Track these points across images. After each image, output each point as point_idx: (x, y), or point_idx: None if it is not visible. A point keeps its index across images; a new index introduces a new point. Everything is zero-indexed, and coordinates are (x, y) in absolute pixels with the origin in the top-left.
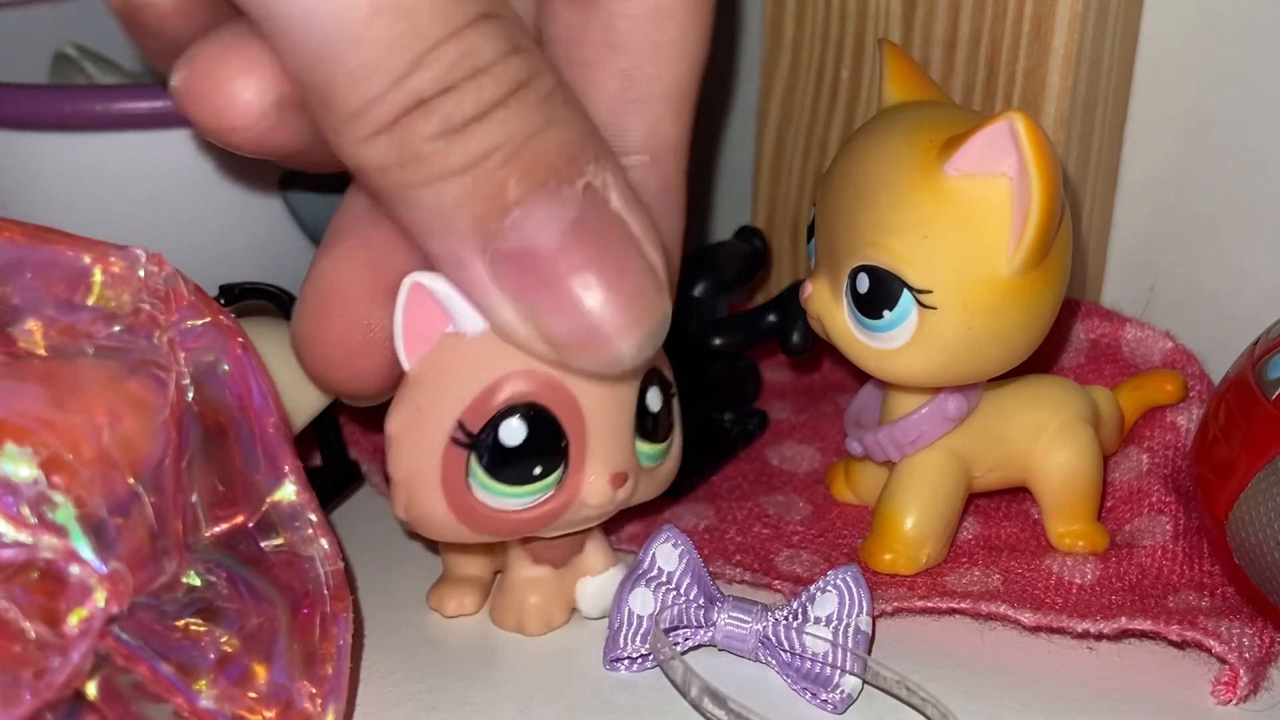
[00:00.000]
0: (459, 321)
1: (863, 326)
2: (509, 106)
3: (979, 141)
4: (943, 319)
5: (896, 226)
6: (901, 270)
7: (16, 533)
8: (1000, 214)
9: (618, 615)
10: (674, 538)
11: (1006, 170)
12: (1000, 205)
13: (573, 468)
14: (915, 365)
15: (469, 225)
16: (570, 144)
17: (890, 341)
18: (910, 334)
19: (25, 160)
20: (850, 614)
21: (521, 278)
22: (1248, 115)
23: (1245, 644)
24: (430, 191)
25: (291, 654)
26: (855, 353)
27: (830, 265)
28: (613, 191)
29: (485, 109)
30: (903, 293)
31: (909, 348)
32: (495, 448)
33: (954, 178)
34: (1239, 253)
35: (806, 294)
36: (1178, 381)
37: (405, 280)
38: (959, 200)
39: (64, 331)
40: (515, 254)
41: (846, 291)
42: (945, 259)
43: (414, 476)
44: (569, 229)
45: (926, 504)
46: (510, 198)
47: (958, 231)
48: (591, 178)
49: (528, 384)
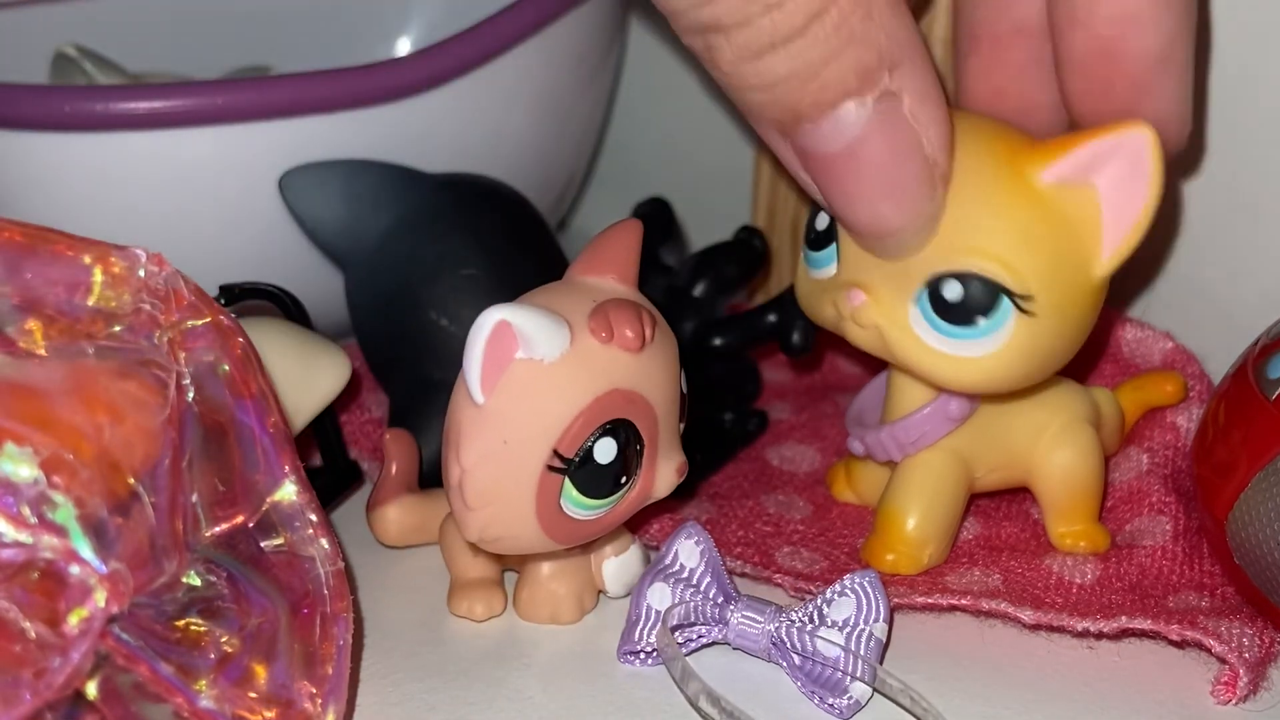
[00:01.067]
0: (536, 349)
1: (943, 334)
2: (805, 36)
3: (1090, 150)
4: (1040, 325)
5: (996, 232)
6: (1003, 277)
7: (16, 533)
8: (1090, 220)
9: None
10: (696, 534)
11: (1096, 180)
12: (1090, 212)
13: (646, 466)
14: (998, 372)
15: (771, 125)
16: (866, 61)
17: (976, 349)
18: (1004, 341)
19: (25, 160)
20: (868, 620)
21: (815, 169)
22: (1248, 115)
23: (1245, 644)
24: (736, 94)
25: (291, 654)
26: (921, 361)
27: (893, 273)
28: (907, 95)
29: (780, 40)
30: (1002, 299)
31: (998, 354)
32: (589, 468)
33: (1050, 184)
34: (1239, 253)
35: (859, 303)
36: (1178, 382)
37: (486, 316)
38: (1056, 206)
39: (64, 331)
40: (810, 153)
41: (922, 299)
42: (1047, 265)
43: (501, 504)
44: (855, 140)
45: (928, 504)
46: (803, 114)
47: (1056, 238)
48: (888, 86)
49: (614, 404)
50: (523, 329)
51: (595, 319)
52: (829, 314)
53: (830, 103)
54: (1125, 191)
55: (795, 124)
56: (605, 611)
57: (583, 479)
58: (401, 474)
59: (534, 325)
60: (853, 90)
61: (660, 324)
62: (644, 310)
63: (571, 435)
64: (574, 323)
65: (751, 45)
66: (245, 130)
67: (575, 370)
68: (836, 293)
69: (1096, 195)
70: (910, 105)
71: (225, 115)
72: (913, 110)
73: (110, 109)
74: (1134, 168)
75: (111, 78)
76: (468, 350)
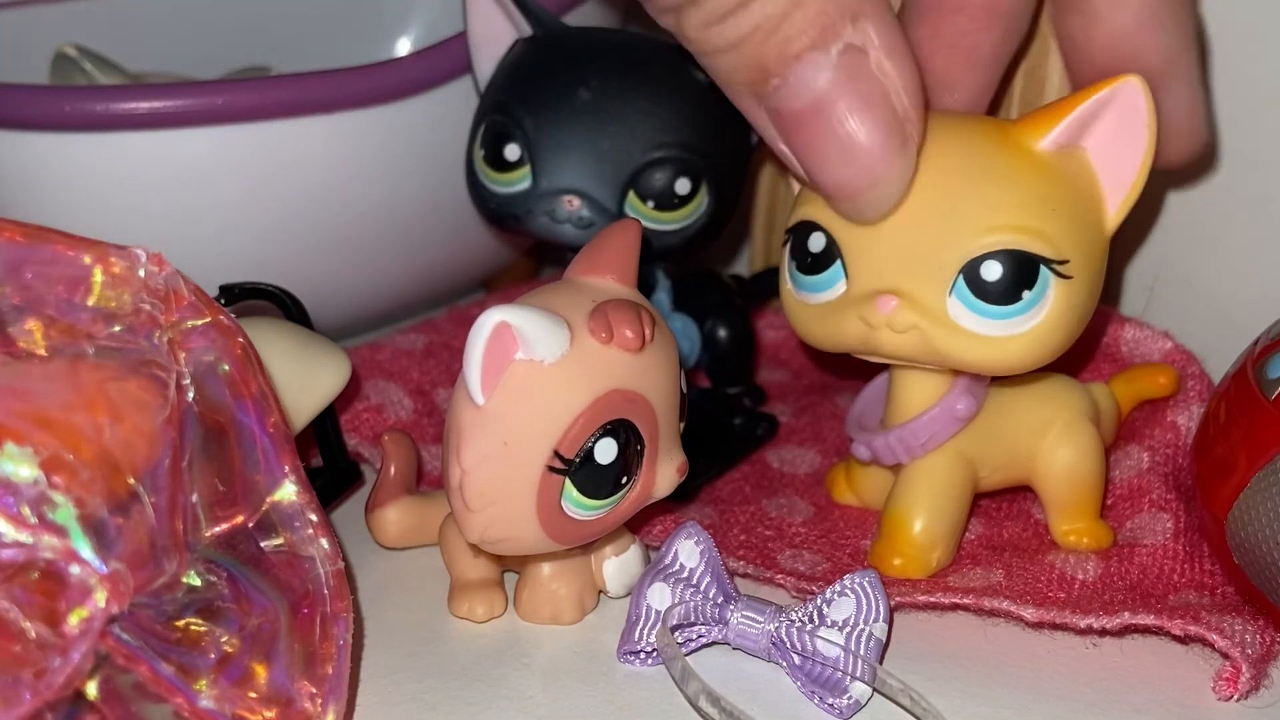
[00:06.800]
0: (536, 350)
1: (988, 317)
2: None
3: (1086, 110)
4: (1078, 287)
5: (1021, 205)
6: (1038, 247)
7: (17, 533)
8: (1091, 179)
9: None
10: (696, 534)
11: (1084, 144)
12: (1088, 172)
13: (647, 466)
14: (1045, 342)
15: (744, 88)
16: (827, 12)
17: (1024, 324)
18: (1048, 309)
19: (25, 160)
20: (867, 620)
21: (788, 131)
22: (1247, 115)
23: (1248, 640)
24: (709, 60)
25: (292, 654)
26: (970, 351)
27: (922, 269)
28: (872, 49)
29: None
30: (1040, 269)
31: (1043, 324)
32: (590, 469)
33: (1050, 151)
34: (1239, 253)
35: (892, 307)
36: (1170, 373)
37: (486, 318)
38: (1060, 171)
39: (64, 331)
40: (781, 112)
41: (959, 287)
42: (1072, 227)
43: (502, 505)
44: (822, 92)
45: (935, 507)
46: (770, 70)
47: (1072, 200)
48: (850, 38)
49: (614, 405)
50: (522, 330)
51: (595, 319)
52: (853, 331)
53: (794, 55)
54: (1119, 146)
55: (764, 83)
56: (605, 611)
57: (583, 480)
58: (400, 475)
59: (534, 326)
60: (816, 41)
61: (660, 324)
62: (644, 310)
63: (572, 436)
64: (574, 323)
65: (716, 10)
66: (245, 130)
67: (575, 371)
68: (861, 306)
69: (1088, 155)
70: (876, 59)
71: (225, 115)
72: (879, 64)
73: (110, 109)
74: (1127, 119)
75: (111, 78)
76: (468, 351)
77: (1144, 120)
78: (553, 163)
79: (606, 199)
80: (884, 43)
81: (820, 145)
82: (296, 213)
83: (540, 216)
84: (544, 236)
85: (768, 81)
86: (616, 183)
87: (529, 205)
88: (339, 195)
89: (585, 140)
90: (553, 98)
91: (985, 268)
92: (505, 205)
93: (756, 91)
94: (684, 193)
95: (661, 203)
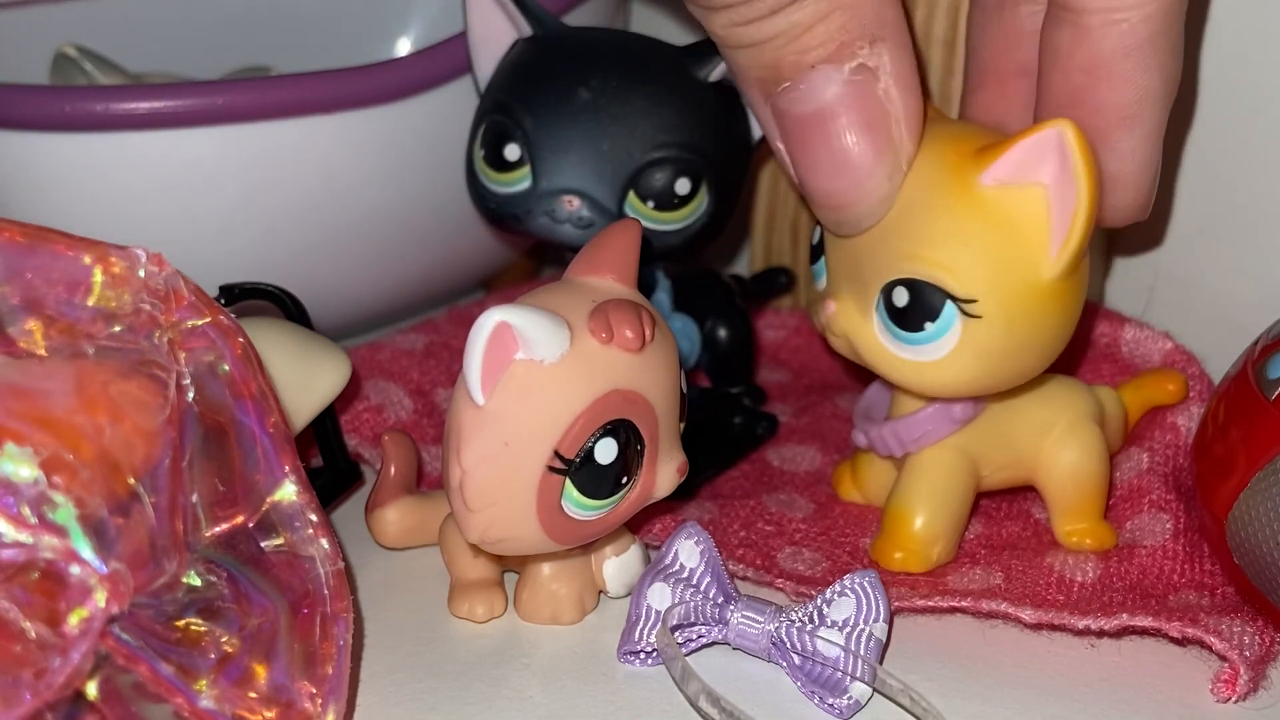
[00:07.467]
0: (536, 350)
1: (899, 341)
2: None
3: (1021, 150)
4: (986, 327)
5: (936, 238)
6: (944, 281)
7: (17, 533)
8: (1037, 221)
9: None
10: (696, 534)
11: (1041, 179)
12: (1037, 213)
13: (647, 466)
14: (956, 376)
15: (754, 84)
16: (850, 29)
17: (930, 354)
18: (953, 344)
19: (25, 160)
20: (867, 620)
21: (788, 132)
22: (1247, 115)
23: (1246, 642)
24: (728, 52)
25: (292, 654)
26: (889, 368)
27: (855, 282)
28: (884, 75)
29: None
30: (945, 304)
31: (950, 358)
32: (590, 469)
33: (990, 187)
34: (1239, 253)
35: (830, 312)
36: (1180, 381)
37: (486, 318)
38: (996, 209)
39: (64, 331)
40: (785, 113)
41: (879, 307)
42: (988, 267)
43: (502, 505)
44: (827, 105)
45: (937, 503)
46: (783, 74)
47: (998, 239)
48: (865, 59)
49: (614, 404)
50: (522, 330)
51: (595, 319)
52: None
53: (809, 64)
54: (1064, 189)
55: (775, 83)
56: (605, 611)
57: (583, 480)
58: (400, 475)
59: (534, 326)
60: (832, 55)
61: (660, 324)
62: (644, 310)
63: (572, 436)
64: (574, 323)
65: (747, 14)
66: (245, 130)
67: (575, 371)
68: (816, 304)
69: (1045, 194)
70: (886, 86)
71: (225, 115)
72: (888, 91)
73: (110, 109)
74: (1065, 165)
75: (111, 78)
76: (468, 351)
77: (1074, 166)
78: (553, 163)
79: (606, 199)
80: (896, 70)
81: (816, 153)
82: (297, 213)
83: (540, 216)
84: (544, 236)
85: (779, 82)
86: (616, 183)
87: (529, 205)
88: (339, 195)
89: (585, 140)
90: (553, 98)
91: (896, 293)
92: (505, 205)
93: (767, 89)
94: (684, 193)
95: (661, 203)
